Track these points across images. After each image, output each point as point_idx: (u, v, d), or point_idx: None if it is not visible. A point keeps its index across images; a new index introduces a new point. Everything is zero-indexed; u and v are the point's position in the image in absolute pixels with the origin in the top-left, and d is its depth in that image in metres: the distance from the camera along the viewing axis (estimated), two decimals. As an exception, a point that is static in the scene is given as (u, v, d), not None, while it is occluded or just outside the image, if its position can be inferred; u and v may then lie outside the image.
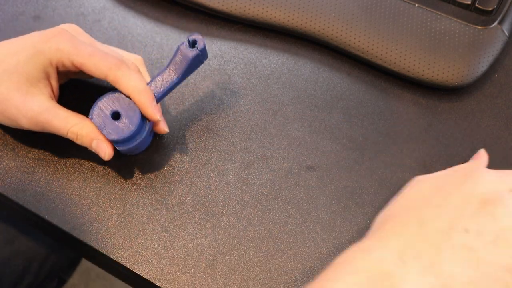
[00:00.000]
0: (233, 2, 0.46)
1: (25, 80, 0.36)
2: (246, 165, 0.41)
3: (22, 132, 0.41)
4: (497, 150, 0.42)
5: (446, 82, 0.43)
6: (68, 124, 0.37)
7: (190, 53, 0.37)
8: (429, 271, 0.30)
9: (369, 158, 0.41)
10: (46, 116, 0.36)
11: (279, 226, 0.39)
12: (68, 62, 0.36)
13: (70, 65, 0.36)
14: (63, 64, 0.36)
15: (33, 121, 0.37)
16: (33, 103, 0.36)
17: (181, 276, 0.37)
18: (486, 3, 0.44)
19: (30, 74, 0.36)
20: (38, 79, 0.36)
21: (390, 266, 0.30)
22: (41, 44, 0.36)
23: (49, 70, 0.36)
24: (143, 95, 0.36)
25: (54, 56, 0.36)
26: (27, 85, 0.36)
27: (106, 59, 0.36)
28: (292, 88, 0.45)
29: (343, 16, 0.45)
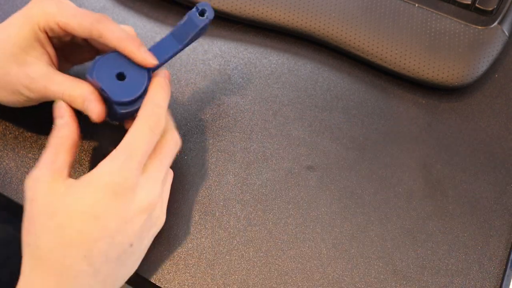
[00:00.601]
0: (233, 2, 0.46)
1: (20, 50, 0.36)
2: (246, 165, 0.41)
3: (22, 132, 0.41)
4: (497, 150, 0.42)
5: (446, 82, 0.43)
6: (63, 87, 0.35)
7: (199, 22, 0.36)
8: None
9: (369, 158, 0.41)
10: (42, 82, 0.36)
11: (279, 226, 0.39)
12: (54, 24, 0.35)
13: (57, 27, 0.36)
14: (50, 27, 0.36)
15: (32, 88, 0.36)
16: (30, 70, 0.36)
17: (181, 276, 0.37)
18: (486, 3, 0.44)
19: (23, 43, 0.36)
20: (32, 46, 0.36)
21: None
22: (28, 10, 0.36)
23: (40, 35, 0.36)
24: (129, 42, 0.34)
25: (41, 19, 0.35)
26: (22, 54, 0.36)
27: (88, 15, 0.35)
28: (292, 88, 0.45)
29: (343, 16, 0.45)
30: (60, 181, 0.31)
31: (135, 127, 0.33)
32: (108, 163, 0.31)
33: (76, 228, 0.30)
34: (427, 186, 0.40)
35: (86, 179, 0.31)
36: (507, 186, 0.40)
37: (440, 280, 0.37)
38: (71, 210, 0.30)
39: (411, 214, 0.39)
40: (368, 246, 0.38)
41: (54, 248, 0.30)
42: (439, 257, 0.38)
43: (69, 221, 0.30)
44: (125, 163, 0.31)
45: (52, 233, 0.30)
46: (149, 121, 0.33)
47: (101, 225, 0.30)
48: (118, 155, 0.31)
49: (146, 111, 0.33)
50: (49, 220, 0.30)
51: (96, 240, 0.30)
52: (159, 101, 0.34)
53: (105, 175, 0.30)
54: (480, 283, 0.37)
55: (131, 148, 0.32)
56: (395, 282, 0.37)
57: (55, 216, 0.30)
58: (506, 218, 0.39)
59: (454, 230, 0.39)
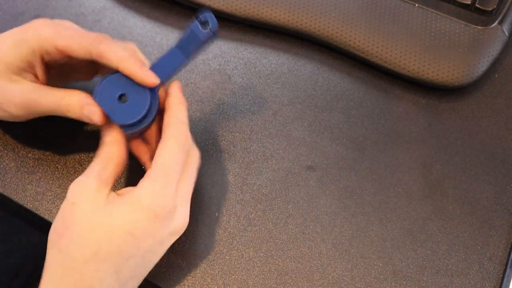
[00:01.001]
0: (233, 2, 0.46)
1: (7, 69, 0.35)
2: (246, 165, 0.41)
3: (22, 132, 0.41)
4: (497, 150, 0.42)
5: (446, 82, 0.43)
6: (57, 98, 0.35)
7: (201, 34, 0.35)
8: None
9: (369, 158, 0.41)
10: (33, 97, 0.35)
11: (279, 226, 0.39)
12: (52, 47, 0.35)
13: (54, 50, 0.35)
14: (46, 51, 0.35)
15: (23, 105, 0.36)
16: (18, 87, 0.36)
17: (181, 276, 0.37)
18: (486, 3, 0.44)
19: (12, 63, 0.35)
20: (20, 68, 0.36)
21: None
22: (23, 33, 0.36)
23: (31, 59, 0.36)
24: (131, 62, 0.34)
25: (36, 43, 0.35)
26: (8, 73, 0.35)
27: (87, 36, 0.35)
28: (292, 88, 0.45)
29: (343, 16, 0.45)
30: (104, 192, 0.31)
31: (167, 146, 0.33)
32: (150, 185, 0.31)
33: (114, 245, 0.30)
34: (427, 186, 0.40)
35: (129, 198, 0.31)
36: (507, 186, 0.40)
37: (440, 280, 0.37)
38: (112, 226, 0.30)
39: (411, 214, 0.39)
40: (368, 246, 0.38)
41: (89, 261, 0.30)
42: (439, 257, 0.38)
43: (109, 237, 0.30)
44: (165, 186, 0.31)
45: (90, 246, 0.30)
46: (179, 140, 0.33)
47: (137, 244, 0.31)
48: (157, 177, 0.31)
49: (174, 130, 0.33)
50: (89, 231, 0.30)
51: (129, 258, 0.31)
52: (182, 117, 0.34)
53: (147, 197, 0.30)
54: (480, 283, 0.37)
55: (168, 169, 0.32)
56: (395, 282, 0.37)
57: (96, 229, 0.30)
58: (506, 218, 0.39)
59: (454, 230, 0.39)
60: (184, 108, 0.35)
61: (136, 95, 0.34)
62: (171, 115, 0.34)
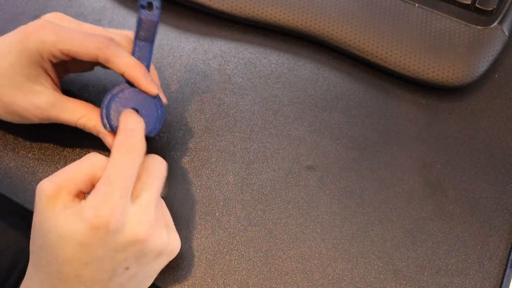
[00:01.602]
0: (233, 2, 0.46)
1: (25, 79, 0.36)
2: (246, 165, 0.41)
3: (22, 132, 0.41)
4: (497, 150, 0.42)
5: (446, 82, 0.43)
6: (75, 117, 0.37)
7: (154, 17, 0.36)
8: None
9: (369, 158, 0.41)
10: (53, 112, 0.37)
11: (279, 226, 0.39)
12: (57, 51, 0.35)
13: (60, 54, 0.35)
14: (53, 55, 0.36)
15: (43, 117, 0.37)
16: (39, 101, 0.36)
17: (181, 276, 0.37)
18: (486, 3, 0.44)
19: (27, 72, 0.36)
20: (36, 75, 0.36)
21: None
22: (26, 40, 0.35)
23: (43, 64, 0.36)
24: (137, 70, 0.35)
25: (41, 49, 0.35)
26: (28, 84, 0.36)
27: (92, 40, 0.35)
28: (292, 88, 0.45)
29: (343, 16, 0.45)
30: (61, 201, 0.31)
31: (112, 156, 0.32)
32: (91, 197, 0.31)
33: (67, 252, 0.30)
34: (427, 186, 0.40)
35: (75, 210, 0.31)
36: (507, 186, 0.40)
37: (440, 280, 0.37)
38: (62, 234, 0.30)
39: (411, 214, 0.39)
40: (368, 246, 0.38)
41: (51, 263, 0.31)
42: (439, 257, 0.38)
43: (60, 244, 0.30)
44: (107, 196, 0.31)
45: (48, 250, 0.31)
46: (124, 147, 0.33)
47: (88, 252, 0.31)
48: (99, 188, 0.31)
49: (119, 138, 0.33)
50: (44, 237, 0.31)
51: (86, 264, 0.31)
52: (131, 125, 0.34)
53: (88, 209, 0.30)
54: (480, 283, 0.37)
55: (110, 178, 0.31)
56: (395, 282, 0.37)
57: (49, 235, 0.31)
58: (506, 218, 0.39)
59: (454, 230, 0.39)
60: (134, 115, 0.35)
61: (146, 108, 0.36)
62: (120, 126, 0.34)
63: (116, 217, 0.30)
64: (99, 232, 0.30)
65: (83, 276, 0.31)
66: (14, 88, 0.36)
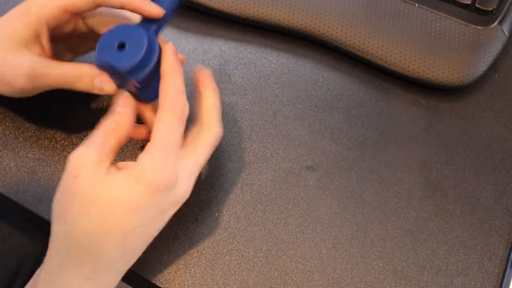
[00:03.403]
0: (233, 2, 0.46)
1: (15, 41, 0.36)
2: (246, 165, 0.41)
3: (22, 132, 0.41)
4: (497, 150, 0.42)
5: (446, 82, 0.43)
6: (66, 69, 0.36)
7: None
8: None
9: (369, 158, 0.41)
10: (41, 69, 0.36)
11: (279, 226, 0.39)
12: (55, 10, 0.35)
13: (58, 12, 0.35)
14: (50, 15, 0.35)
15: (30, 77, 0.36)
16: (25, 59, 0.36)
17: (181, 276, 0.37)
18: (486, 3, 0.44)
19: (18, 36, 0.36)
20: (27, 40, 0.36)
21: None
22: (24, 5, 0.36)
23: (37, 28, 0.36)
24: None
25: (39, 11, 0.35)
26: (17, 46, 0.36)
27: None
28: (292, 88, 0.45)
29: (343, 16, 0.45)
30: (105, 165, 0.31)
31: (164, 117, 0.32)
32: (150, 160, 0.31)
33: (117, 218, 0.30)
34: (427, 186, 0.40)
35: (130, 173, 0.31)
36: (507, 186, 0.40)
37: (440, 280, 0.37)
38: (114, 199, 0.30)
39: (411, 214, 0.39)
40: (368, 246, 0.38)
41: (93, 233, 0.30)
42: (439, 257, 0.38)
43: (111, 210, 0.30)
44: (166, 160, 0.31)
45: (92, 218, 0.30)
46: (175, 110, 0.33)
47: (139, 216, 0.31)
48: (157, 151, 0.31)
49: (169, 99, 0.33)
50: (90, 203, 0.30)
51: (132, 230, 0.31)
52: (178, 86, 0.34)
53: (148, 172, 0.31)
54: (480, 283, 0.37)
55: (167, 141, 0.32)
56: (395, 282, 0.37)
57: (97, 201, 0.30)
58: (506, 218, 0.39)
59: (454, 230, 0.39)
60: (179, 74, 0.34)
61: (133, 40, 0.34)
62: (165, 84, 0.34)
63: (172, 180, 0.32)
64: (156, 195, 0.31)
65: (125, 244, 0.31)
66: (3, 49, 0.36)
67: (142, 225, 0.31)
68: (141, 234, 0.32)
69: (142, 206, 0.31)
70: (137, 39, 0.34)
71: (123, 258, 0.32)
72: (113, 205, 0.30)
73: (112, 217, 0.30)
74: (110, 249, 0.31)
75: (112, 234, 0.30)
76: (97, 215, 0.30)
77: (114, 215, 0.30)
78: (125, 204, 0.30)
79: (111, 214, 0.30)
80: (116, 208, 0.30)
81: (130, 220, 0.31)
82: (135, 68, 0.33)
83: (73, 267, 0.31)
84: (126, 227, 0.31)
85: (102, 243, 0.30)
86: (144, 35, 0.34)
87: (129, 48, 0.33)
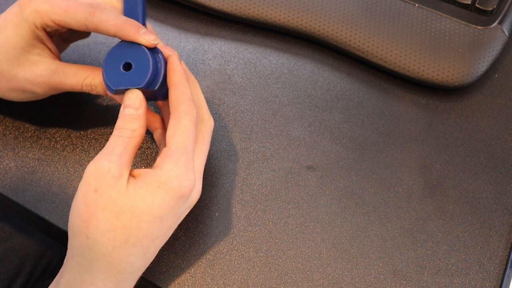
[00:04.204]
0: (233, 2, 0.46)
1: (21, 51, 0.36)
2: (246, 165, 0.41)
3: (22, 132, 0.41)
4: (497, 150, 0.42)
5: (446, 82, 0.43)
6: (80, 78, 0.36)
7: None
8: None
9: (369, 158, 0.41)
10: (56, 78, 0.36)
11: (279, 226, 0.39)
12: (50, 21, 0.35)
13: (52, 24, 0.35)
14: (46, 24, 0.36)
15: (46, 86, 0.37)
16: (38, 69, 0.36)
17: (181, 276, 0.37)
18: (486, 3, 0.44)
19: (23, 44, 0.36)
20: (32, 45, 0.36)
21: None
22: (21, 12, 0.36)
23: (38, 34, 0.36)
24: (127, 28, 0.34)
25: (36, 19, 0.35)
26: (25, 55, 0.36)
27: (79, 9, 0.35)
28: (292, 88, 0.45)
29: (343, 16, 0.45)
30: (125, 178, 0.31)
31: (182, 124, 0.33)
32: (174, 167, 0.31)
33: (143, 230, 0.31)
34: (427, 186, 0.40)
35: (153, 182, 0.31)
36: (507, 186, 0.40)
37: (440, 280, 0.37)
38: (139, 212, 0.30)
39: (411, 214, 0.39)
40: (368, 246, 0.38)
41: (119, 247, 0.30)
42: (439, 257, 0.38)
43: (137, 223, 0.30)
44: (188, 166, 0.32)
45: (118, 232, 0.30)
46: (192, 116, 0.33)
47: (162, 225, 0.31)
48: (180, 158, 0.31)
49: (185, 107, 0.33)
50: (115, 218, 0.30)
51: (155, 239, 0.32)
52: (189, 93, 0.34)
53: (174, 179, 0.31)
54: (480, 283, 0.37)
55: (188, 148, 0.32)
56: (395, 282, 0.37)
57: (121, 215, 0.30)
58: (506, 218, 0.39)
59: (454, 230, 0.39)
60: (187, 81, 0.35)
61: (138, 60, 0.34)
62: (179, 92, 0.34)
63: (193, 185, 0.32)
64: (179, 202, 0.31)
65: (149, 253, 0.32)
66: (12, 61, 0.36)
67: (163, 233, 0.32)
68: (161, 241, 0.33)
69: (164, 215, 0.31)
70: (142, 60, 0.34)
71: (144, 266, 0.33)
72: (138, 218, 0.30)
73: (137, 231, 0.30)
74: (135, 261, 0.31)
75: (137, 246, 0.31)
76: (122, 229, 0.30)
77: (139, 228, 0.30)
78: (149, 215, 0.31)
79: (136, 227, 0.30)
80: (141, 221, 0.30)
81: (155, 230, 0.31)
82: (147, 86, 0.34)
83: (97, 281, 0.31)
84: (151, 237, 0.31)
85: (127, 256, 0.31)
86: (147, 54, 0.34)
87: (136, 69, 0.34)
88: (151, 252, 0.32)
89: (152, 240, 0.31)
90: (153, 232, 0.31)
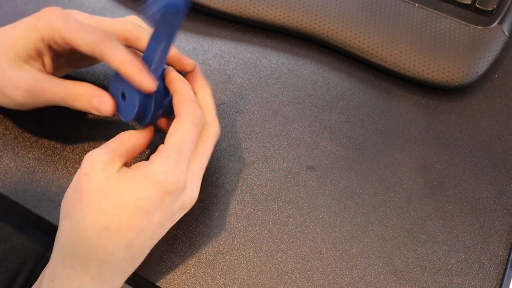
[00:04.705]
0: (233, 2, 0.46)
1: (15, 55, 0.36)
2: (246, 165, 0.41)
3: (22, 132, 0.41)
4: (497, 150, 0.42)
5: (446, 82, 0.43)
6: (65, 87, 0.36)
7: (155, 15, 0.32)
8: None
9: (369, 158, 0.41)
10: (41, 85, 0.36)
11: (279, 226, 0.39)
12: (59, 38, 0.35)
13: (61, 41, 0.36)
14: (54, 40, 0.36)
15: (28, 92, 0.36)
16: (26, 74, 0.36)
17: (181, 276, 0.37)
18: (486, 3, 0.44)
19: (21, 49, 0.36)
20: (28, 55, 0.36)
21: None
22: (35, 20, 0.36)
23: (40, 47, 0.36)
24: (128, 66, 0.34)
25: (45, 31, 0.36)
26: (17, 60, 0.36)
27: (92, 33, 0.35)
28: (292, 88, 0.45)
29: (343, 16, 0.45)
30: (116, 166, 0.32)
31: (182, 124, 0.33)
32: (162, 162, 0.31)
33: (125, 219, 0.30)
34: (427, 186, 0.40)
35: (141, 173, 0.31)
36: (507, 186, 0.40)
37: (440, 280, 0.37)
38: (123, 199, 0.31)
39: (411, 214, 0.39)
40: (368, 246, 0.38)
41: (100, 232, 0.30)
42: (439, 257, 0.38)
43: (119, 211, 0.30)
44: (178, 163, 0.32)
45: (100, 216, 0.30)
46: (194, 118, 0.34)
47: (147, 219, 0.31)
48: (170, 154, 0.32)
49: (187, 109, 0.34)
50: (99, 202, 0.30)
51: (139, 232, 0.31)
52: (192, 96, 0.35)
53: (160, 173, 0.31)
54: (480, 283, 0.37)
55: (181, 147, 0.32)
56: (395, 282, 0.37)
57: (105, 199, 0.30)
58: (506, 218, 0.39)
59: (454, 230, 0.39)
60: (189, 85, 0.36)
61: (130, 95, 0.35)
62: (180, 95, 0.35)
63: (181, 185, 0.32)
64: (165, 198, 0.31)
65: (132, 246, 0.31)
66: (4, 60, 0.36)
67: (150, 228, 0.32)
68: (148, 238, 0.32)
69: (150, 208, 0.31)
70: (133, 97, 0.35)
71: (128, 260, 0.32)
72: (122, 206, 0.30)
73: (119, 220, 0.30)
74: (116, 250, 0.31)
75: (119, 235, 0.30)
76: (105, 214, 0.30)
77: (122, 216, 0.30)
78: (132, 205, 0.31)
79: (119, 216, 0.30)
80: (124, 209, 0.30)
81: (139, 222, 0.31)
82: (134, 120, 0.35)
83: (77, 264, 0.31)
84: (134, 229, 0.31)
85: (107, 243, 0.30)
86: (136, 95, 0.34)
87: (128, 102, 0.35)
88: (135, 246, 0.31)
89: (136, 232, 0.31)
90: (137, 224, 0.31)
